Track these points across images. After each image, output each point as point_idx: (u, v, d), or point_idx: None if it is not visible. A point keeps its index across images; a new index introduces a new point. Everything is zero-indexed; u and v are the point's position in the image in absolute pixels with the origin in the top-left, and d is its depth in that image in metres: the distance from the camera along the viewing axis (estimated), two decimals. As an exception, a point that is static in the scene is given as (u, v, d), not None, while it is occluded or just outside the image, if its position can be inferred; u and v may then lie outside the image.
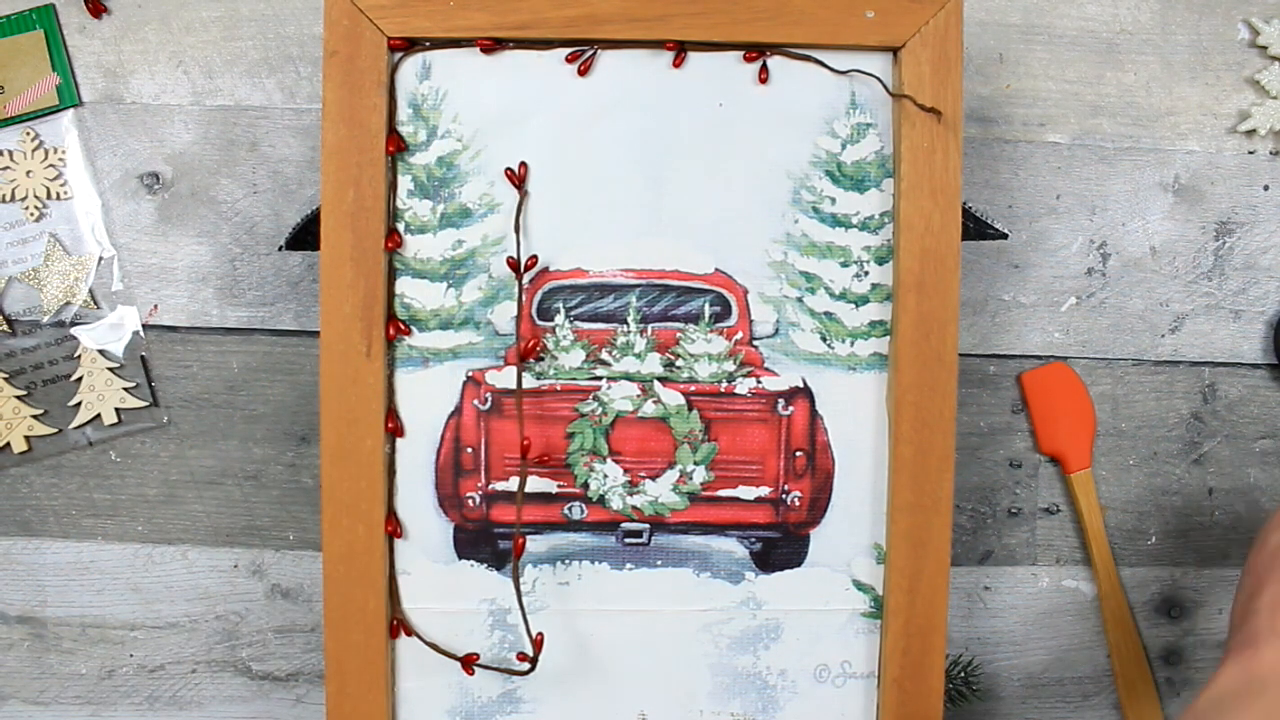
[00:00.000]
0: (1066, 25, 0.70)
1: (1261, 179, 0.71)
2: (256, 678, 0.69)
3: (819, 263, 0.58)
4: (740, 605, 0.59)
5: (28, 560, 0.68)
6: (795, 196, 0.58)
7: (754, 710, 0.60)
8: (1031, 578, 0.71)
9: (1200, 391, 0.72)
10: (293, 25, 0.67)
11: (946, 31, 0.56)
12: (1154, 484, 0.72)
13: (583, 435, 0.58)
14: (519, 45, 0.56)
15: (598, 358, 0.58)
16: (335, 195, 0.55)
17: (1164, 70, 0.70)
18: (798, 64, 0.57)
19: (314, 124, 0.67)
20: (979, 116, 0.70)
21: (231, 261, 0.68)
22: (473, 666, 0.58)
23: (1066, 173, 0.70)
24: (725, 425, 0.58)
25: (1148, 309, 0.71)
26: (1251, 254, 0.71)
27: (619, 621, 0.59)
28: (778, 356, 0.59)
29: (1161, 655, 0.72)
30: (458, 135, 0.57)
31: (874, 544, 0.59)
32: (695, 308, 0.58)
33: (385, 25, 0.55)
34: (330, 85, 0.55)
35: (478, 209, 0.57)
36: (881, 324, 0.58)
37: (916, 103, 0.56)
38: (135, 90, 0.67)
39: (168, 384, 0.68)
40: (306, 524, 0.69)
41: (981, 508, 0.71)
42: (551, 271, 0.58)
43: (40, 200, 0.67)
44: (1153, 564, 0.72)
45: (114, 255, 0.67)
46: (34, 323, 0.67)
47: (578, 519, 0.59)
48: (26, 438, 0.67)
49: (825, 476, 0.59)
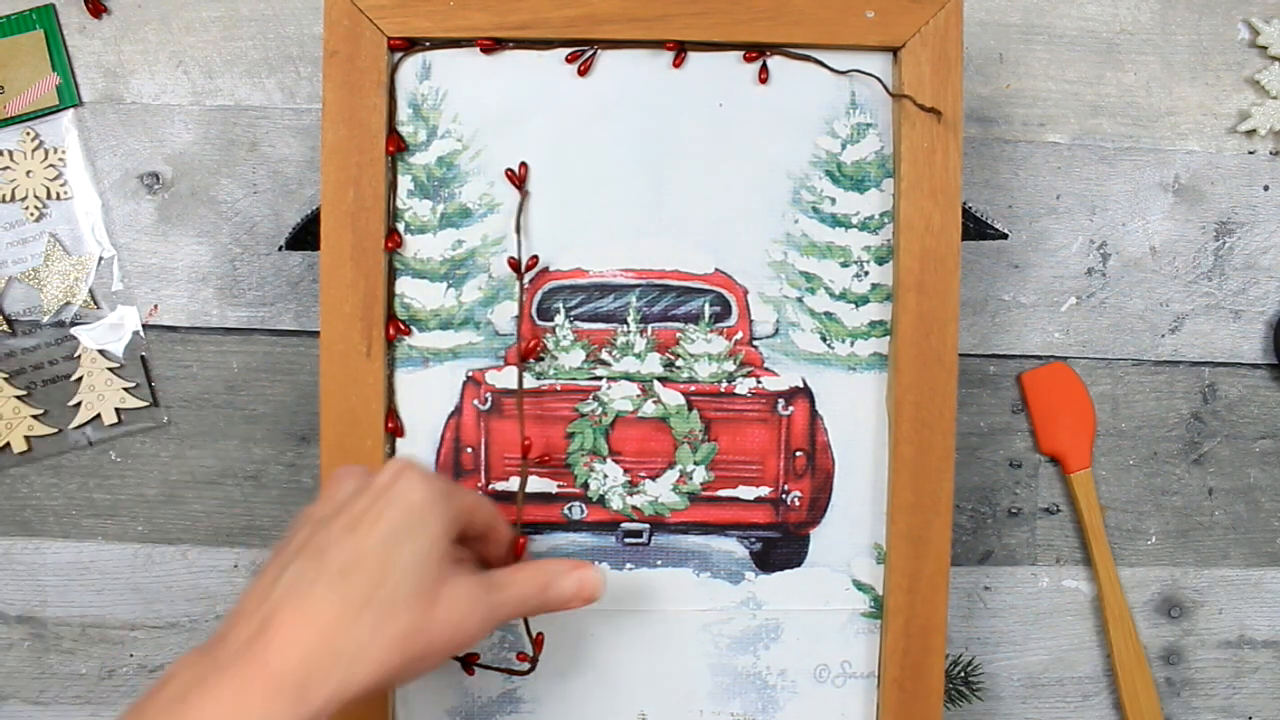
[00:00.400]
0: (1066, 25, 0.70)
1: (1261, 179, 0.71)
2: (256, 678, 0.69)
3: (819, 263, 0.58)
4: (740, 605, 0.59)
5: (28, 560, 0.68)
6: (795, 196, 0.58)
7: (754, 710, 0.60)
8: (1031, 578, 0.71)
9: (1200, 391, 0.72)
10: (293, 25, 0.67)
11: (946, 31, 0.56)
12: (1154, 484, 0.72)
13: (583, 435, 0.58)
14: (519, 45, 0.56)
15: (598, 358, 0.58)
16: (335, 195, 0.55)
17: (1164, 70, 0.70)
18: (798, 64, 0.57)
19: (314, 124, 0.67)
20: (979, 116, 0.70)
21: (231, 261, 0.68)
22: (473, 667, 0.58)
23: (1066, 173, 0.70)
24: (725, 425, 0.58)
25: (1148, 309, 0.71)
26: (1251, 254, 0.71)
27: (619, 621, 0.59)
28: (778, 356, 0.59)
29: (1161, 655, 0.72)
30: (458, 135, 0.57)
31: (874, 544, 0.59)
32: (695, 308, 0.58)
33: (385, 25, 0.55)
34: (330, 85, 0.55)
35: (478, 209, 0.57)
36: (881, 324, 0.58)
37: (916, 103, 0.56)
38: (135, 90, 0.67)
39: (168, 384, 0.68)
40: (306, 524, 0.69)
41: (981, 508, 0.71)
42: (551, 271, 0.58)
43: (40, 200, 0.67)
44: (1152, 564, 0.72)
45: (114, 255, 0.67)
46: (34, 323, 0.67)
47: (578, 519, 0.59)
48: (26, 438, 0.67)
49: (825, 476, 0.59)
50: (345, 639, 0.42)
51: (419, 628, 0.44)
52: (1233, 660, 0.72)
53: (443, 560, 0.46)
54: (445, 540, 0.46)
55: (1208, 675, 0.72)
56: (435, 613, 0.44)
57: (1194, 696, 0.72)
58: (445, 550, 0.46)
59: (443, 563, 0.46)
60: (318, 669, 0.41)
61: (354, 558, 0.43)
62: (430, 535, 0.45)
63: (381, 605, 0.43)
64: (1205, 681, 0.72)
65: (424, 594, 0.44)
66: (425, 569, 0.44)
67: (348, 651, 0.42)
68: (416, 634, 0.43)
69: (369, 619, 0.42)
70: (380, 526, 0.44)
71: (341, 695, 0.41)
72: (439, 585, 0.45)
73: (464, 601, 0.46)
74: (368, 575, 0.43)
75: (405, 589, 0.44)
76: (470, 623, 0.46)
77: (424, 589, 0.44)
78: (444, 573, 0.45)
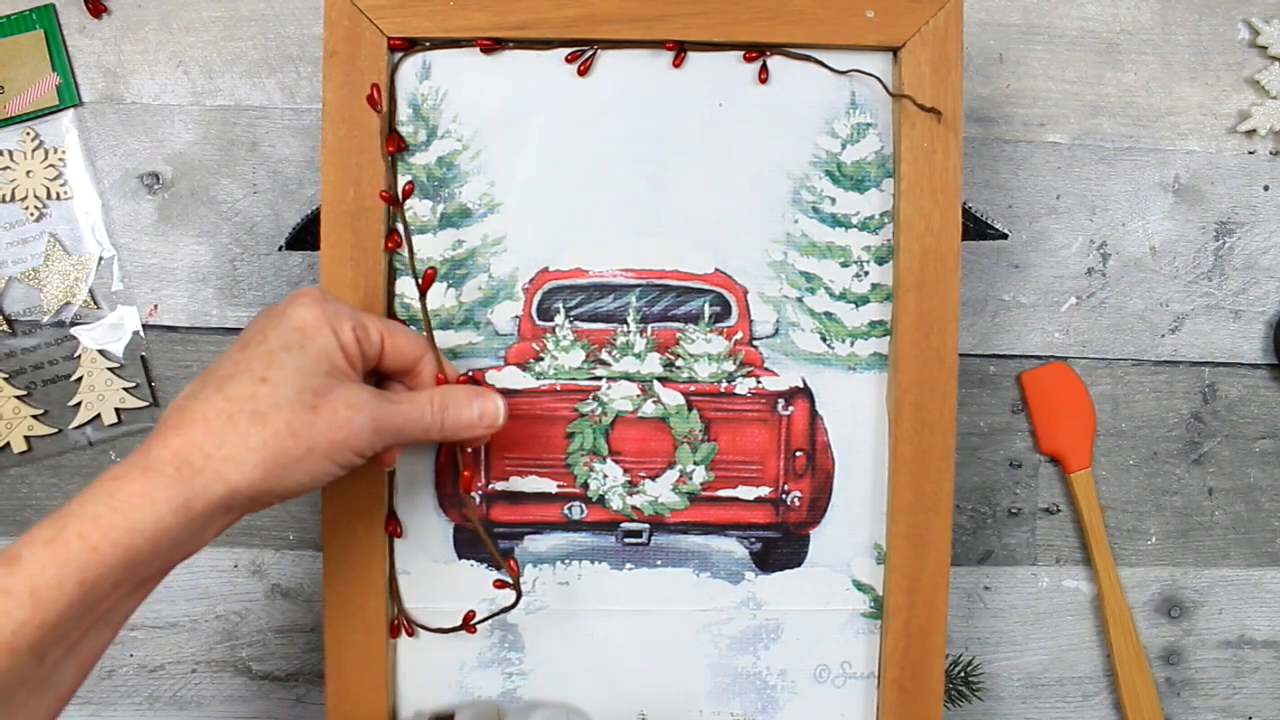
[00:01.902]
0: (1066, 25, 0.70)
1: (1261, 179, 0.71)
2: (256, 678, 0.69)
3: (819, 263, 0.58)
4: (740, 605, 0.59)
5: (28, 560, 0.68)
6: (795, 196, 0.58)
7: (754, 710, 0.60)
8: (1031, 578, 0.71)
9: (1200, 391, 0.72)
10: (293, 25, 0.67)
11: (946, 31, 0.56)
12: (1154, 484, 0.72)
13: (583, 435, 0.58)
14: (519, 45, 0.56)
15: (598, 358, 0.58)
16: (335, 195, 0.55)
17: (1164, 70, 0.70)
18: (798, 64, 0.57)
19: (314, 124, 0.67)
20: (979, 116, 0.70)
21: (231, 261, 0.68)
22: (473, 626, 0.58)
23: (1066, 173, 0.70)
24: (725, 425, 0.58)
25: (1148, 309, 0.71)
26: (1251, 254, 0.71)
27: (619, 621, 0.59)
28: (778, 356, 0.59)
29: (1161, 655, 0.72)
30: (458, 135, 0.57)
31: (874, 544, 0.59)
32: (695, 308, 0.58)
33: (385, 25, 0.55)
34: (330, 85, 0.55)
35: (478, 209, 0.57)
36: (881, 324, 0.58)
37: (916, 103, 0.56)
38: (135, 90, 0.67)
39: (168, 384, 0.68)
40: (306, 524, 0.69)
41: (981, 508, 0.71)
42: (551, 271, 0.58)
43: (40, 200, 0.67)
44: (1152, 564, 0.72)
45: (114, 255, 0.67)
46: (34, 323, 0.67)
47: (578, 519, 0.59)
48: (26, 438, 0.67)
49: (825, 476, 0.59)
50: (218, 439, 0.44)
51: (296, 431, 0.45)
52: (1233, 660, 0.73)
53: (330, 374, 0.47)
54: (333, 355, 0.48)
55: (1208, 675, 0.72)
56: (317, 417, 0.46)
57: (1194, 696, 0.72)
58: (334, 365, 0.48)
59: (330, 375, 0.47)
60: (192, 460, 0.44)
61: (235, 370, 0.46)
62: (315, 349, 0.47)
63: (256, 409, 0.45)
64: (1205, 681, 0.72)
65: (304, 401, 0.46)
66: (307, 378, 0.46)
67: (220, 450, 0.44)
68: (293, 436, 0.45)
69: (242, 421, 0.45)
70: (266, 341, 0.47)
71: (218, 490, 0.44)
72: (323, 393, 0.47)
73: (350, 406, 0.47)
74: (244, 384, 0.45)
75: (282, 396, 0.46)
76: (356, 425, 0.47)
77: (304, 396, 0.46)
78: (330, 384, 0.47)
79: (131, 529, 0.42)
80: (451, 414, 0.52)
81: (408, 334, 0.53)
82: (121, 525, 0.42)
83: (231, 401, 0.45)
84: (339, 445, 0.47)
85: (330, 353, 0.48)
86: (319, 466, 0.47)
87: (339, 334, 0.48)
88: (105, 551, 0.41)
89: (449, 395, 0.52)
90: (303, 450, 0.46)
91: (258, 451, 0.45)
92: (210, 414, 0.45)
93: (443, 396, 0.52)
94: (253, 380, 0.46)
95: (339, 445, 0.47)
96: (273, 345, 0.47)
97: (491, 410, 0.53)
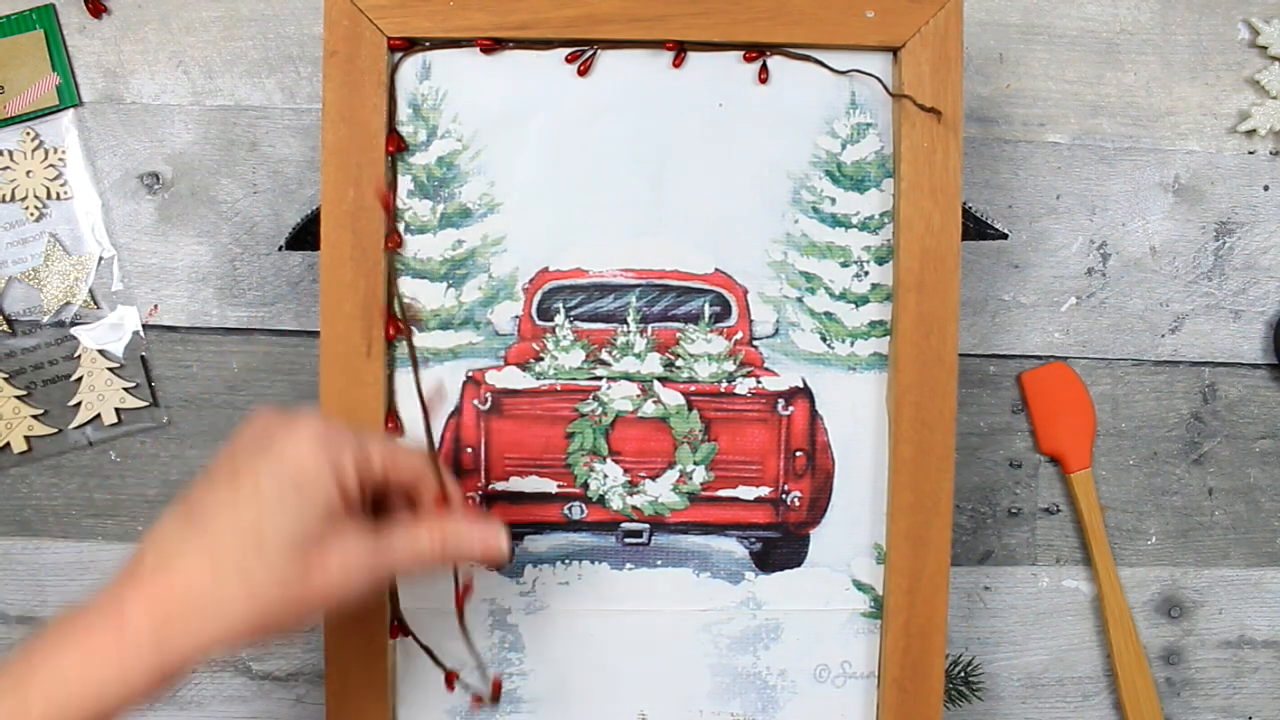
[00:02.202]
0: (1066, 25, 0.70)
1: (1261, 179, 0.71)
2: (256, 678, 0.69)
3: (819, 263, 0.58)
4: (740, 605, 0.59)
5: (28, 560, 0.68)
6: (795, 196, 0.58)
7: (754, 710, 0.60)
8: (1031, 578, 0.71)
9: (1200, 391, 0.72)
10: (293, 25, 0.67)
11: (946, 31, 0.56)
12: (1154, 484, 0.72)
13: (583, 435, 0.58)
14: (519, 45, 0.56)
15: (598, 358, 0.58)
16: (335, 195, 0.55)
17: (1164, 70, 0.70)
18: (798, 64, 0.57)
19: (314, 124, 0.67)
20: (979, 116, 0.70)
21: (231, 261, 0.68)
22: (453, 684, 0.58)
23: (1066, 173, 0.70)
24: (725, 425, 0.58)
25: (1148, 309, 0.71)
26: (1251, 254, 0.71)
27: (619, 621, 0.59)
28: (778, 356, 0.59)
29: (1161, 655, 0.72)
30: (458, 135, 0.57)
31: (874, 544, 0.59)
32: (695, 308, 0.58)
33: (385, 25, 0.55)
34: (330, 85, 0.55)
35: (478, 209, 0.57)
36: (881, 324, 0.59)
37: (916, 103, 0.56)
38: (135, 90, 0.67)
39: (168, 384, 0.68)
40: (306, 524, 0.69)
41: (981, 508, 0.71)
42: (551, 271, 0.58)
43: (40, 200, 0.67)
44: (1152, 564, 0.72)
45: (114, 255, 0.67)
46: (34, 323, 0.67)
47: (578, 519, 0.59)
48: (26, 438, 0.67)
49: (825, 476, 0.59)
50: (200, 593, 0.42)
51: (286, 584, 0.43)
52: (1233, 660, 0.72)
53: (327, 520, 0.44)
54: (331, 503, 0.45)
55: (1208, 675, 0.72)
56: (312, 573, 0.44)
57: (1194, 696, 0.72)
58: (331, 512, 0.45)
59: (327, 521, 0.44)
60: (170, 615, 0.41)
61: (221, 512, 0.43)
62: (311, 497, 0.44)
63: (251, 567, 0.42)
64: (1205, 681, 0.72)
65: (299, 556, 0.43)
66: (302, 526, 0.44)
67: (201, 605, 0.42)
68: (289, 595, 0.43)
69: (235, 580, 0.42)
70: (258, 483, 0.44)
71: (197, 643, 0.42)
72: (319, 545, 0.44)
73: (345, 560, 0.45)
74: (231, 531, 0.43)
75: (272, 548, 0.43)
76: (350, 579, 0.45)
77: (299, 551, 0.43)
78: (327, 531, 0.44)
79: (102, 695, 0.40)
80: (453, 548, 0.49)
81: (409, 454, 0.50)
82: (93, 693, 0.39)
83: (217, 550, 0.42)
84: (330, 598, 0.45)
85: (329, 500, 0.45)
86: (308, 616, 0.44)
87: (341, 476, 0.45)
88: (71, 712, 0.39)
89: (450, 531, 0.49)
90: (292, 603, 0.43)
91: (242, 605, 0.42)
92: (192, 565, 0.42)
93: (443, 532, 0.49)
94: (241, 527, 0.43)
95: (330, 598, 0.45)
96: (265, 489, 0.44)
97: (495, 548, 0.50)
